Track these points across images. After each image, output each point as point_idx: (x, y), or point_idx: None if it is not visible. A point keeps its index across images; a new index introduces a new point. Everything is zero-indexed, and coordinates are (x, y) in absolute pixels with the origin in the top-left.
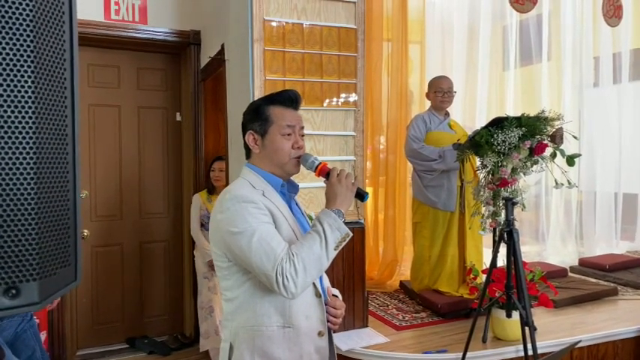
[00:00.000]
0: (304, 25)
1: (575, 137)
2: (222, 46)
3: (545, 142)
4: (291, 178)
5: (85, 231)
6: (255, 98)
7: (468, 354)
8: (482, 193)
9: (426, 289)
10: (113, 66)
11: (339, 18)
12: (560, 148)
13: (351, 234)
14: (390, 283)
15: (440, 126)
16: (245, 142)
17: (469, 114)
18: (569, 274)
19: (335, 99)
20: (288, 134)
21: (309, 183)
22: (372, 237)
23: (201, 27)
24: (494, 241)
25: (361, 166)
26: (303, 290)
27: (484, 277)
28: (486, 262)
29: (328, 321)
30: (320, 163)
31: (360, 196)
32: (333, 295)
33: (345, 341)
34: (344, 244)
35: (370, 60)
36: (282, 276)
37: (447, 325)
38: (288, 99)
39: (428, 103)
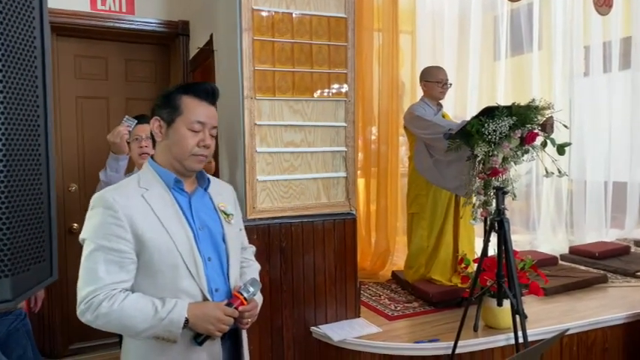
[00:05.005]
0: (294, 15)
1: (565, 126)
2: (211, 36)
3: (536, 131)
4: (203, 171)
5: (75, 224)
6: (245, 89)
7: (460, 343)
8: (473, 182)
9: (419, 279)
10: (100, 57)
11: (329, 7)
12: (551, 137)
13: (176, 341)
14: (382, 274)
15: (434, 117)
16: (151, 131)
17: (460, 103)
18: (560, 262)
19: (326, 89)
20: (196, 130)
21: (299, 175)
22: (365, 227)
23: (190, 17)
24: (485, 230)
25: (352, 157)
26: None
27: (476, 266)
28: (478, 251)
29: (236, 322)
30: (243, 295)
31: (195, 338)
32: (238, 292)
33: (337, 331)
34: (163, 338)
35: (361, 50)
36: (89, 308)
37: (438, 315)
38: (204, 91)
39: (419, 95)
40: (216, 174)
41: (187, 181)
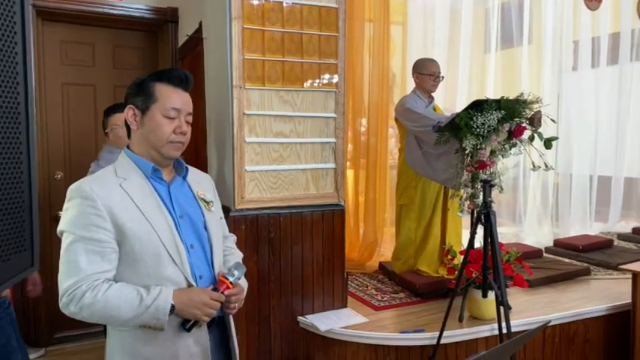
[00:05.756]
0: (284, 4)
1: (553, 120)
2: (200, 24)
3: (524, 125)
4: (181, 159)
5: (60, 212)
6: (234, 78)
7: (445, 333)
8: (460, 175)
9: (406, 270)
10: (88, 43)
11: None
12: (539, 131)
13: (163, 329)
14: (369, 264)
15: (426, 109)
16: (125, 120)
17: (450, 96)
18: (544, 254)
19: (316, 80)
20: (172, 117)
21: (288, 165)
22: (353, 219)
23: (179, 4)
24: (472, 222)
25: (342, 149)
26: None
27: (462, 258)
28: (465, 243)
29: (223, 307)
30: (229, 280)
31: (186, 322)
32: (223, 277)
33: (323, 321)
34: (150, 326)
35: (352, 40)
36: (72, 300)
37: (424, 305)
38: (178, 77)
39: (410, 86)
40: (203, 164)
41: (165, 169)
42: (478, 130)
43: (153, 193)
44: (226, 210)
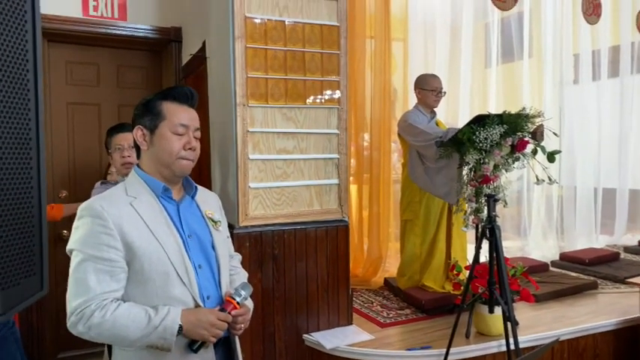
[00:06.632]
0: (286, 22)
1: (555, 134)
2: (204, 43)
3: (527, 139)
4: (190, 178)
5: (65, 231)
6: (237, 96)
7: (452, 350)
8: (464, 190)
9: (411, 286)
10: (92, 63)
11: (321, 15)
12: (541, 144)
13: (170, 350)
14: (374, 280)
15: (428, 125)
16: (134, 140)
17: (452, 111)
18: (551, 268)
19: (318, 97)
20: (181, 134)
21: (292, 182)
22: (357, 234)
23: (182, 24)
24: (476, 237)
25: (345, 164)
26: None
27: (467, 273)
28: (470, 258)
29: (229, 328)
30: (235, 300)
31: (193, 343)
32: (230, 297)
33: (329, 339)
34: (157, 347)
35: (353, 57)
36: (80, 320)
37: (430, 322)
38: (184, 95)
39: (412, 101)
40: (207, 181)
41: (174, 188)
42: (481, 144)
43: (162, 213)
44: (230, 227)
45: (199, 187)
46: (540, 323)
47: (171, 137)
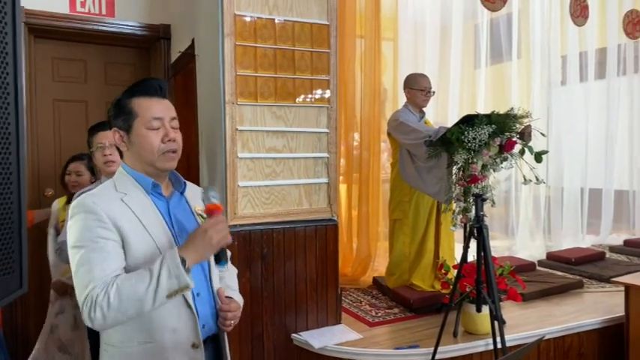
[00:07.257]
0: (276, 21)
1: (543, 134)
2: (193, 40)
3: (515, 139)
4: (178, 173)
5: (50, 229)
6: (226, 94)
7: (440, 348)
8: (453, 189)
9: (400, 285)
10: (79, 60)
11: (311, 14)
12: (529, 145)
13: (192, 286)
14: (363, 279)
15: (418, 123)
16: (114, 144)
17: (441, 111)
18: (537, 267)
19: (308, 95)
20: (156, 128)
21: (281, 181)
22: (346, 233)
23: (171, 21)
24: (464, 236)
25: (334, 163)
26: (116, 324)
27: (455, 272)
28: (458, 257)
29: (219, 324)
30: (214, 202)
31: (218, 257)
32: (227, 296)
33: (317, 338)
34: (180, 293)
35: (343, 56)
36: (91, 307)
37: (419, 321)
38: (152, 87)
39: (402, 101)
40: (196, 179)
41: (163, 184)
42: (469, 144)
43: (154, 209)
44: None
45: (188, 183)
46: (527, 322)
47: (147, 133)
